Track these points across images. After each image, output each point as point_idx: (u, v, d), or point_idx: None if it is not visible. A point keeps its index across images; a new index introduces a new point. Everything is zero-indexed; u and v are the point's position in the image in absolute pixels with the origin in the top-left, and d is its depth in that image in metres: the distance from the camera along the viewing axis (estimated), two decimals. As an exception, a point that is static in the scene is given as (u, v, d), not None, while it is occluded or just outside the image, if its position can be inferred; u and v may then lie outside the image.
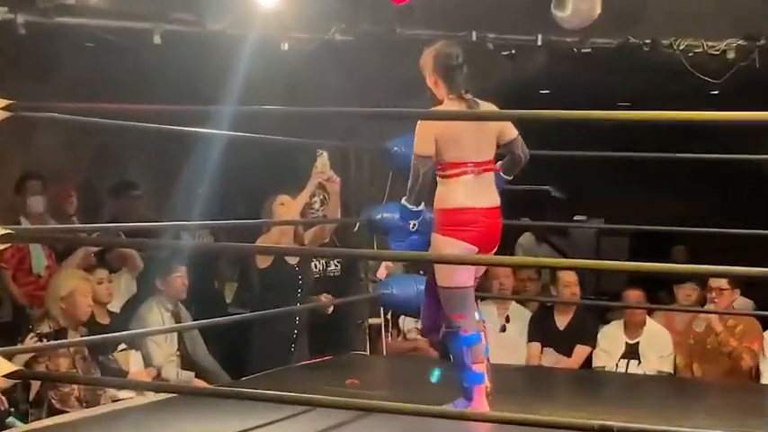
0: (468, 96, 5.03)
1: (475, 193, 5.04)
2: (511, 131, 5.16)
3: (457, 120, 5.10)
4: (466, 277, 5.09)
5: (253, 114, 5.56)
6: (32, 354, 5.58)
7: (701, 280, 7.22)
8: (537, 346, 7.43)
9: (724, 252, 8.05)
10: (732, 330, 6.95)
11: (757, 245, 7.63)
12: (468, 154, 5.04)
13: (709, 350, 6.99)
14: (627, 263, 4.10)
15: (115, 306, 6.94)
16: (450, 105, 5.04)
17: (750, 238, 6.92)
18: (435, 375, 5.27)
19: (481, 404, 5.08)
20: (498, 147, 5.14)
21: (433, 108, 5.09)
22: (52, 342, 5.78)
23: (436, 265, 5.15)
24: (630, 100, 9.07)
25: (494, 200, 5.11)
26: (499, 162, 5.21)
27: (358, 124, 7.45)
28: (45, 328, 5.93)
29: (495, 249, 5.16)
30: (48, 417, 5.53)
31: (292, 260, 6.77)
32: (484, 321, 5.47)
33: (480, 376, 5.12)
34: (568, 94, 8.19)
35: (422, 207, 5.11)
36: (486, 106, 5.05)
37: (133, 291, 7.37)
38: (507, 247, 5.55)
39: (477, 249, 5.02)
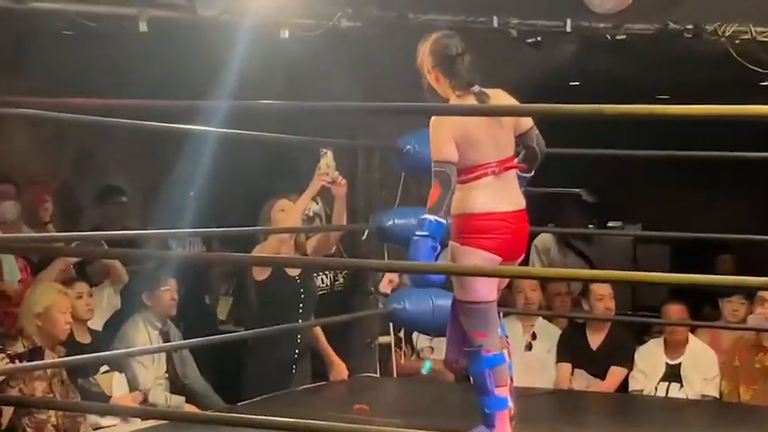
0: (477, 89, 5.00)
1: (496, 195, 5.00)
2: (527, 121, 5.12)
3: (479, 115, 5.07)
4: (488, 291, 5.04)
5: (249, 110, 5.55)
6: (3, 376, 5.57)
7: (750, 293, 7.20)
8: (567, 367, 7.41)
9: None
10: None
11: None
12: (488, 154, 4.99)
13: (758, 370, 6.96)
14: (666, 274, 4.06)
15: (97, 323, 6.94)
16: (456, 101, 5.02)
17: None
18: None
19: (505, 430, 5.07)
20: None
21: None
22: (26, 363, 5.78)
23: (454, 278, 5.12)
24: (670, 93, 9.06)
25: (518, 201, 5.07)
26: (515, 159, 5.18)
27: (366, 120, 7.44)
28: (18, 347, 5.92)
29: (521, 258, 5.15)
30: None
31: (293, 272, 6.75)
32: (507, 337, 5.45)
33: (504, 401, 5.08)
34: (601, 87, 8.19)
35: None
36: (498, 96, 5.02)
37: (116, 306, 7.37)
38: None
39: (500, 259, 4.99)
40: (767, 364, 6.95)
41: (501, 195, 5.01)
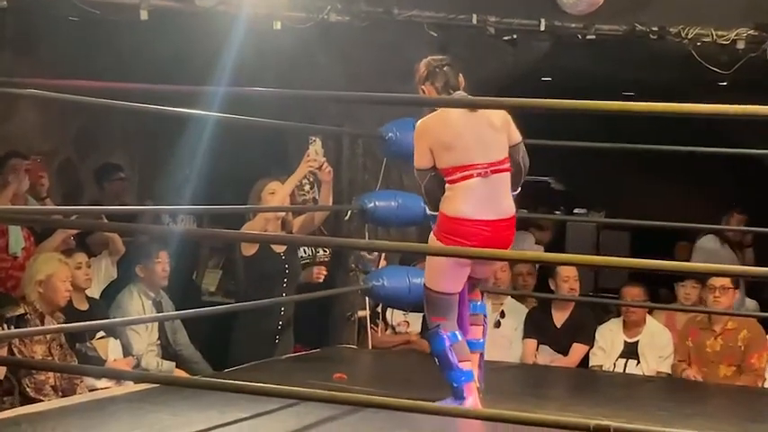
0: (458, 94, 5.06)
1: (481, 201, 4.99)
2: (515, 135, 5.16)
3: (451, 107, 5.10)
4: (452, 285, 5.14)
5: (243, 97, 5.55)
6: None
7: (702, 279, 7.23)
8: (533, 343, 7.43)
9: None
10: (733, 334, 6.94)
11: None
12: (471, 156, 5.01)
13: (708, 354, 6.98)
14: (623, 259, 4.10)
15: (94, 292, 6.94)
16: (443, 112, 5.07)
17: (760, 235, 6.94)
18: None
19: (473, 401, 5.09)
20: None
21: (429, 116, 5.11)
22: (25, 330, 5.77)
23: (426, 266, 5.21)
24: (635, 90, 9.08)
25: (502, 210, 5.06)
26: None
27: (353, 109, 7.45)
28: (19, 312, 5.90)
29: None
30: (21, 404, 5.52)
31: (279, 248, 6.75)
32: (485, 317, 5.50)
33: (469, 374, 5.13)
34: (571, 82, 8.21)
35: None
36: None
37: (113, 276, 7.37)
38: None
39: (469, 262, 5.05)
40: (717, 349, 6.97)
41: (485, 203, 5.00)
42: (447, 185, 5.05)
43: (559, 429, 3.85)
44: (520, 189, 5.28)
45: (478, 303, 5.43)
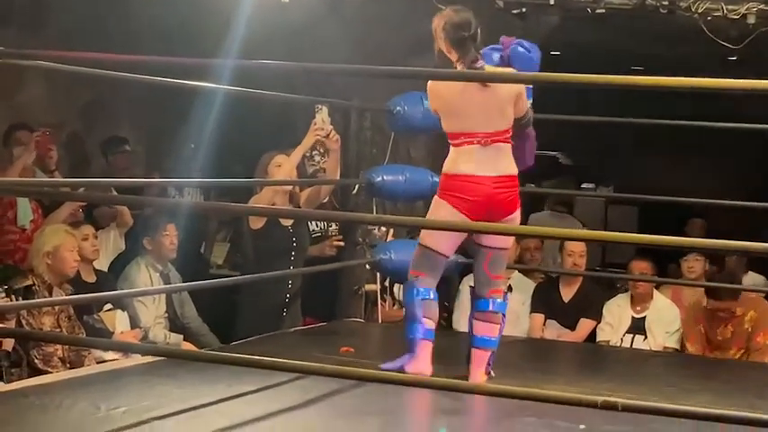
0: (478, 65, 5.05)
1: (479, 161, 5.10)
2: (522, 107, 5.18)
3: (459, 81, 5.10)
4: (443, 244, 5.21)
5: (251, 70, 5.54)
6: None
7: (709, 254, 7.20)
8: (540, 317, 7.43)
9: (745, 227, 8.09)
10: (741, 319, 6.92)
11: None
12: (472, 125, 5.09)
13: (719, 342, 6.96)
14: (628, 234, 4.08)
15: (102, 264, 6.94)
16: None
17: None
18: None
19: (423, 359, 5.16)
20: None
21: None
22: (38, 300, 5.78)
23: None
24: (645, 64, 9.04)
25: (502, 169, 5.13)
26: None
27: (361, 82, 7.42)
28: (28, 284, 5.91)
29: (505, 219, 5.16)
30: (29, 376, 5.54)
31: (286, 222, 6.75)
32: (504, 315, 5.49)
33: (429, 332, 5.21)
34: (580, 57, 8.17)
35: None
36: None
37: (121, 248, 7.38)
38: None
39: (465, 217, 5.07)
40: (728, 336, 6.96)
41: (483, 162, 5.10)
42: (451, 147, 5.16)
43: (568, 405, 3.84)
44: (534, 163, 5.32)
45: (498, 301, 5.40)
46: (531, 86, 5.27)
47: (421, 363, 5.14)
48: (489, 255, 5.30)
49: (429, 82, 5.20)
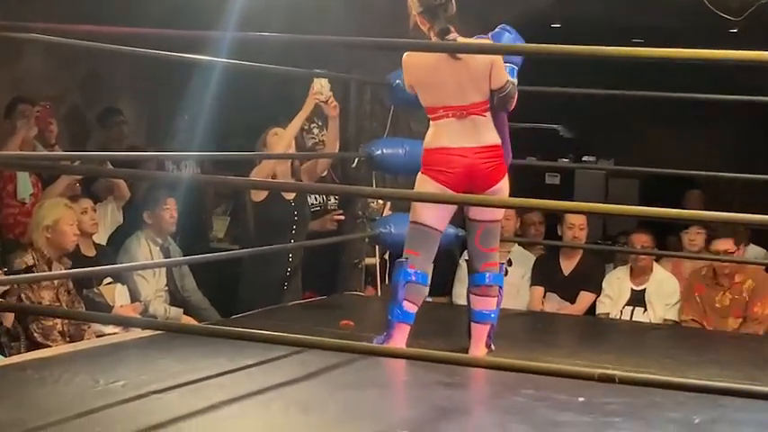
0: (451, 37, 5.03)
1: (458, 134, 5.12)
2: (499, 79, 5.11)
3: (455, 52, 5.07)
4: (431, 217, 5.19)
5: (251, 42, 5.51)
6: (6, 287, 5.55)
7: (709, 226, 7.18)
8: (540, 290, 7.42)
9: (743, 198, 8.08)
10: (740, 287, 6.92)
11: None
12: (445, 99, 5.11)
13: (717, 310, 6.96)
14: (628, 207, 4.05)
15: (101, 238, 6.93)
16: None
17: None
18: None
19: (397, 341, 5.14)
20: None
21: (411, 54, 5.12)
22: (38, 274, 5.78)
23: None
24: (645, 36, 9.00)
25: (482, 139, 5.13)
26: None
27: (361, 56, 7.40)
28: (28, 258, 5.90)
29: (490, 190, 5.14)
30: (28, 350, 5.54)
31: (288, 195, 6.73)
32: (501, 287, 5.48)
33: (408, 315, 5.20)
34: (581, 30, 8.13)
35: None
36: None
37: (119, 221, 7.37)
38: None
39: (449, 190, 5.08)
40: (726, 303, 6.96)
41: (462, 134, 5.12)
42: (430, 122, 5.20)
43: (566, 378, 3.84)
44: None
45: (493, 274, 5.39)
46: (516, 65, 5.23)
47: (395, 345, 5.09)
48: (480, 228, 5.30)
49: (404, 56, 5.19)
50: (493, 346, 5.40)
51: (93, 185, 7.36)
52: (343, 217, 7.26)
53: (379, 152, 6.58)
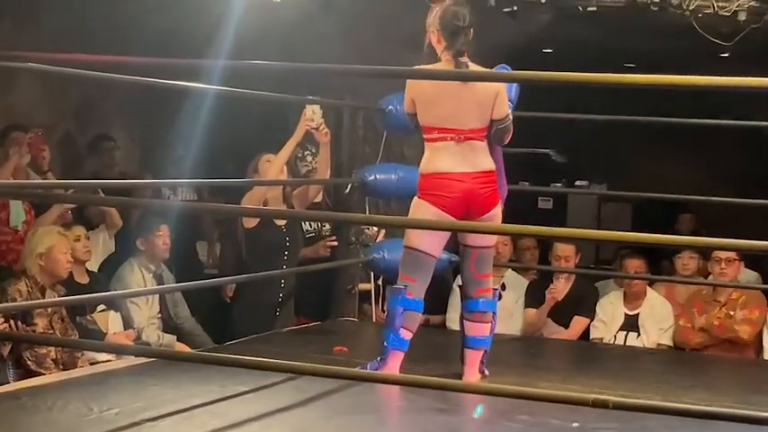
0: (463, 60, 5.06)
1: (454, 158, 5.12)
2: (501, 110, 5.15)
3: (441, 79, 5.11)
4: (428, 243, 5.19)
5: (241, 69, 5.52)
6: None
7: (702, 251, 7.22)
8: (533, 311, 7.41)
9: (734, 222, 8.10)
10: (735, 303, 6.96)
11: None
12: (447, 121, 5.12)
13: (715, 327, 6.98)
14: (622, 233, 4.08)
15: (91, 265, 6.93)
16: (440, 66, 5.10)
17: (761, 208, 6.93)
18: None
19: (392, 368, 5.13)
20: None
21: (421, 66, 5.11)
22: (31, 302, 5.77)
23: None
24: (637, 61, 9.04)
25: (478, 165, 5.15)
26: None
27: (354, 81, 7.41)
28: (22, 286, 5.89)
29: (486, 215, 5.15)
30: (21, 378, 5.53)
31: (280, 221, 6.75)
32: (495, 314, 5.49)
33: (404, 342, 5.19)
34: (573, 54, 8.18)
35: None
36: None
37: (111, 249, 7.36)
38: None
39: (446, 214, 5.09)
40: (721, 317, 6.97)
41: (459, 159, 5.12)
42: (425, 144, 5.19)
43: (560, 404, 3.85)
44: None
45: (487, 300, 5.40)
46: (512, 103, 5.25)
47: (389, 371, 5.09)
48: (474, 254, 5.30)
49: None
50: (486, 372, 5.41)
51: (87, 211, 7.36)
52: (336, 243, 7.25)
53: (371, 178, 6.59)
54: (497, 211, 5.21)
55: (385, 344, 5.19)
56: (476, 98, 5.07)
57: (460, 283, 5.56)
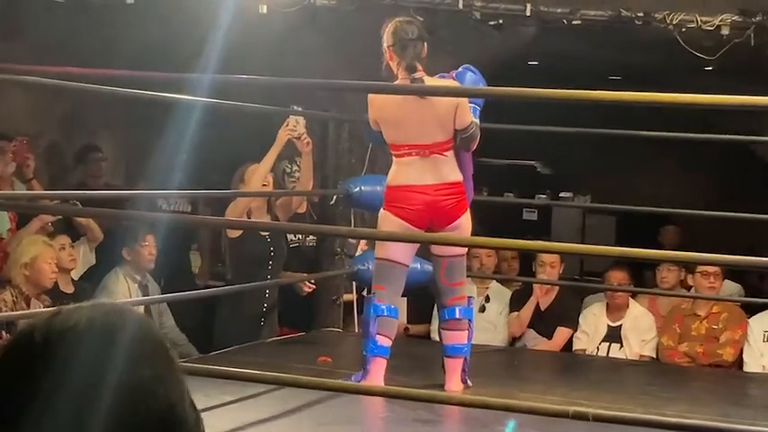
0: (417, 75, 5.09)
1: (419, 172, 5.19)
2: (464, 119, 5.18)
3: (411, 94, 5.16)
4: (395, 252, 5.25)
5: (226, 82, 5.56)
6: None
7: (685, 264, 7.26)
8: (515, 314, 7.42)
9: (718, 233, 8.16)
10: (716, 317, 7.00)
11: (752, 227, 7.68)
12: (409, 137, 5.19)
13: (694, 338, 7.03)
14: (606, 247, 4.14)
15: (75, 276, 6.94)
16: (398, 83, 5.17)
17: (744, 221, 6.98)
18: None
19: (375, 376, 5.16)
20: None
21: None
22: (17, 312, 5.77)
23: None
24: (621, 74, 9.11)
25: (443, 176, 5.20)
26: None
27: (339, 93, 7.44)
28: (6, 296, 5.90)
29: (450, 226, 5.19)
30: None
31: (264, 231, 6.78)
32: (471, 321, 5.53)
33: (383, 349, 5.23)
34: (558, 67, 8.23)
35: None
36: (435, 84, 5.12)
37: (91, 262, 7.36)
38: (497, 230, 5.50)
39: (410, 226, 5.15)
40: (702, 332, 7.02)
41: (423, 172, 5.18)
42: (393, 158, 5.30)
43: (540, 416, 3.89)
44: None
45: (462, 308, 5.44)
46: (478, 105, 5.29)
47: (373, 380, 5.13)
48: (445, 263, 5.35)
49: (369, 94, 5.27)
50: (469, 382, 5.44)
51: (73, 221, 7.36)
52: (313, 287, 7.18)
53: (357, 189, 6.63)
54: (464, 220, 5.25)
55: (364, 353, 5.23)
56: (436, 112, 5.12)
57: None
